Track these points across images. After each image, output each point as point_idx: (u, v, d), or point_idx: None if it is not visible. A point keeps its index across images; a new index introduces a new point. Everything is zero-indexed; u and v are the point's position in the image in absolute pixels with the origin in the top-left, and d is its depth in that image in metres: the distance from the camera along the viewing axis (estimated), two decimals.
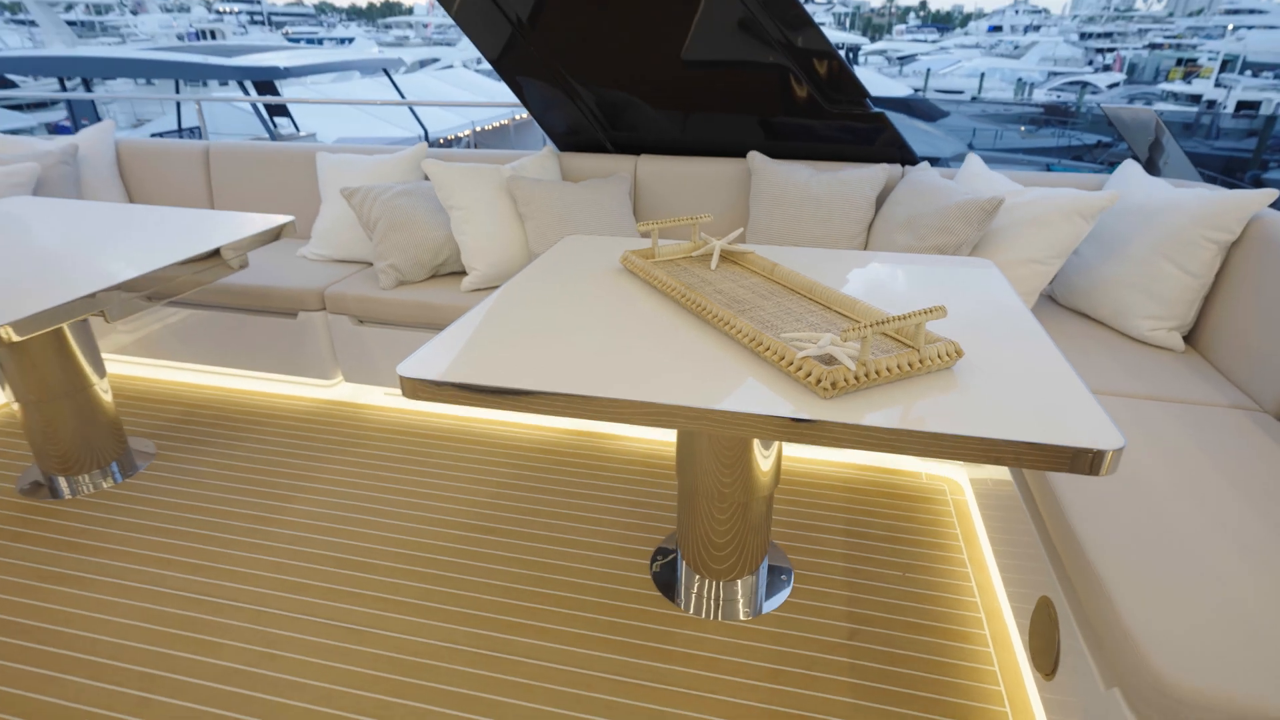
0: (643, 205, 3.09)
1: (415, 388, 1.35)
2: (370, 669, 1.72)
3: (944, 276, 1.89)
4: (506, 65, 2.98)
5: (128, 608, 1.91)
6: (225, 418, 2.86)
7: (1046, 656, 1.49)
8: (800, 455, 2.59)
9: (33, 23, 29.09)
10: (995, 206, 2.32)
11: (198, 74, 9.37)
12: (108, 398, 2.46)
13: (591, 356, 1.41)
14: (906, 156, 2.90)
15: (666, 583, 2.00)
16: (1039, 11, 66.17)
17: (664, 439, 2.72)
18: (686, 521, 1.90)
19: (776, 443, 1.76)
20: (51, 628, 1.85)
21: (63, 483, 2.40)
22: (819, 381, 1.25)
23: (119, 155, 3.55)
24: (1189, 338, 2.30)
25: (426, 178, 3.09)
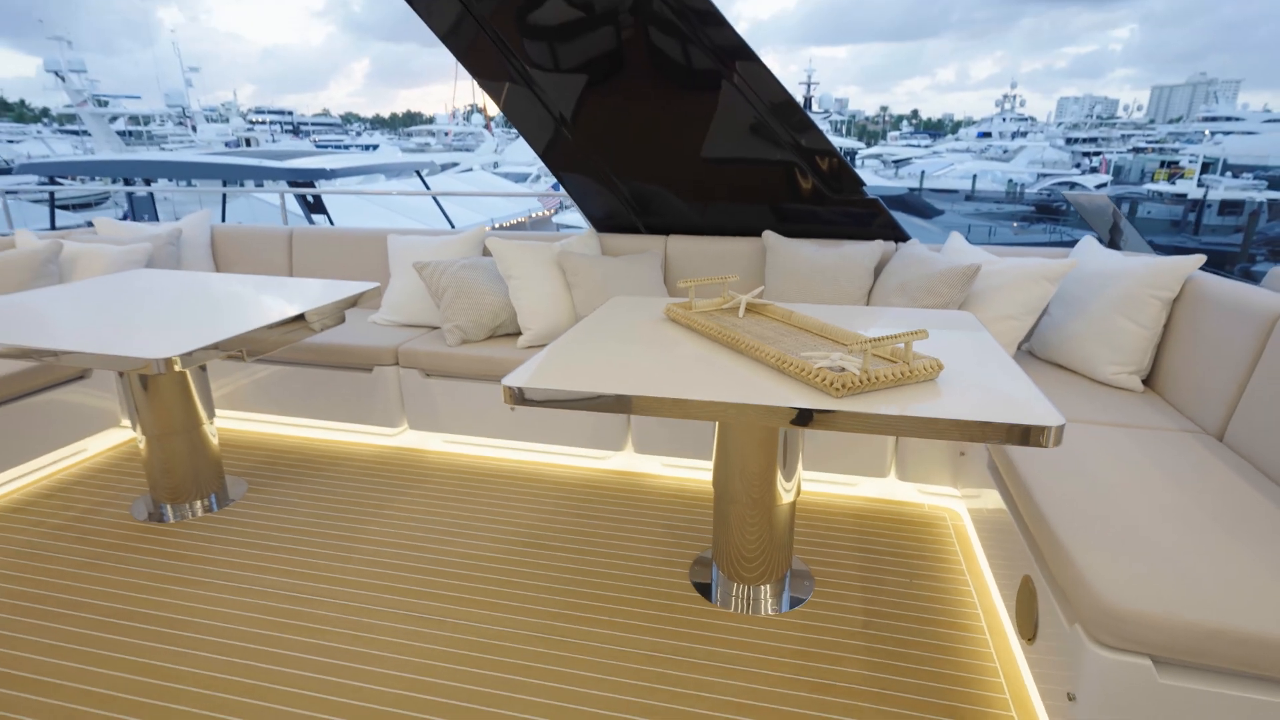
0: (672, 277, 3.55)
1: (517, 394, 1.74)
2: (443, 657, 2.02)
3: (932, 321, 2.30)
4: (552, 159, 3.52)
5: (236, 604, 2.22)
6: (307, 460, 3.22)
7: (1028, 622, 1.79)
8: (818, 490, 2.92)
9: (85, 132, 31.28)
10: (974, 272, 2.76)
11: (255, 175, 10.24)
12: (214, 437, 2.84)
13: (650, 377, 1.80)
14: (899, 235, 3.37)
15: (703, 586, 2.30)
16: (1025, 119, 70.00)
17: (693, 476, 3.05)
18: (721, 533, 2.23)
19: (798, 467, 2.11)
20: (175, 617, 2.16)
21: (169, 509, 2.75)
22: (832, 384, 1.64)
23: (213, 238, 4.09)
24: (1148, 380, 2.68)
25: (486, 254, 3.57)
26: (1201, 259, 2.53)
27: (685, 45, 3.13)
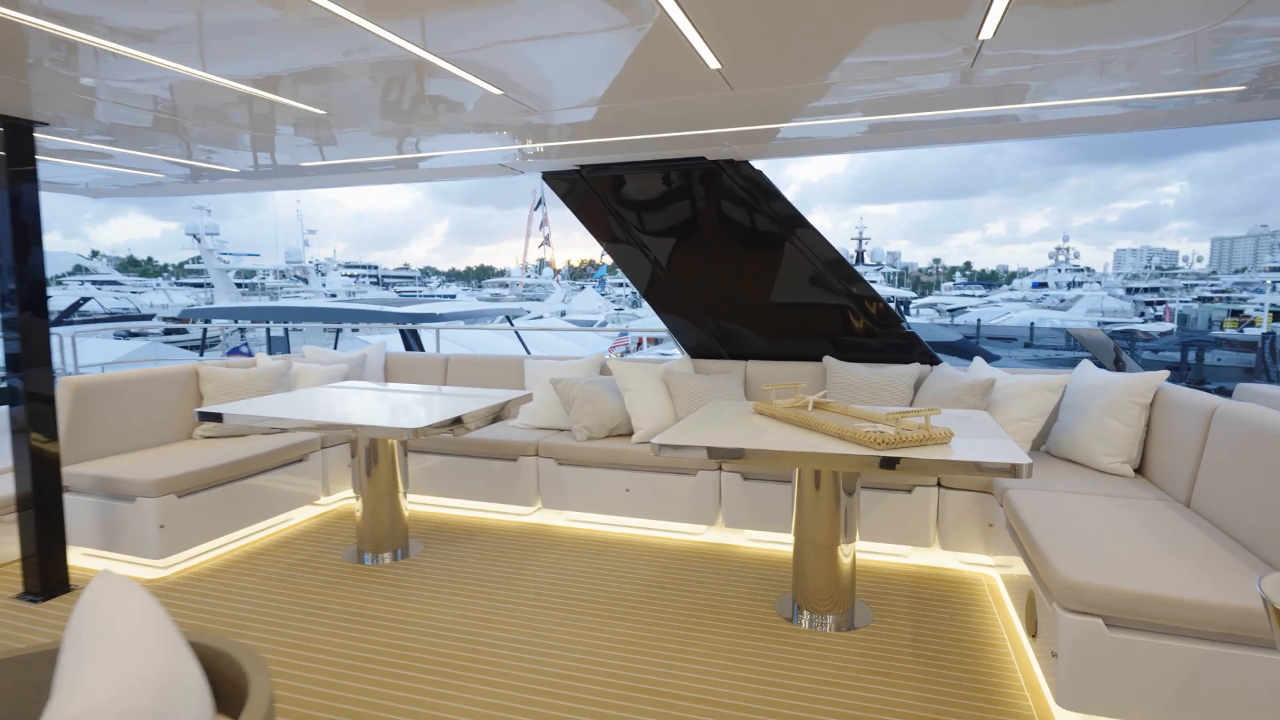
0: (750, 392, 4.45)
1: (664, 449, 2.61)
2: (583, 676, 2.75)
3: (954, 418, 3.11)
4: (653, 298, 4.58)
5: (423, 630, 3.02)
6: (463, 529, 4.09)
7: (1031, 620, 2.45)
8: (875, 559, 3.59)
9: (208, 284, 35.52)
10: (990, 384, 3.57)
11: (377, 319, 11.90)
12: (406, 506, 3.75)
13: (752, 443, 2.66)
14: (933, 359, 4.22)
15: (785, 616, 2.99)
16: (1081, 269, 71.06)
17: (770, 547, 3.77)
18: (799, 572, 2.95)
19: (856, 518, 2.87)
20: (378, 644, 2.97)
21: (370, 556, 3.62)
22: (875, 440, 2.47)
23: (387, 362, 5.24)
24: (1140, 469, 3.35)
25: (602, 373, 4.57)
26: (1165, 374, 3.30)
27: (751, 214, 4.25)
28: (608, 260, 61.04)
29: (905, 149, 4.05)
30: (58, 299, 31.34)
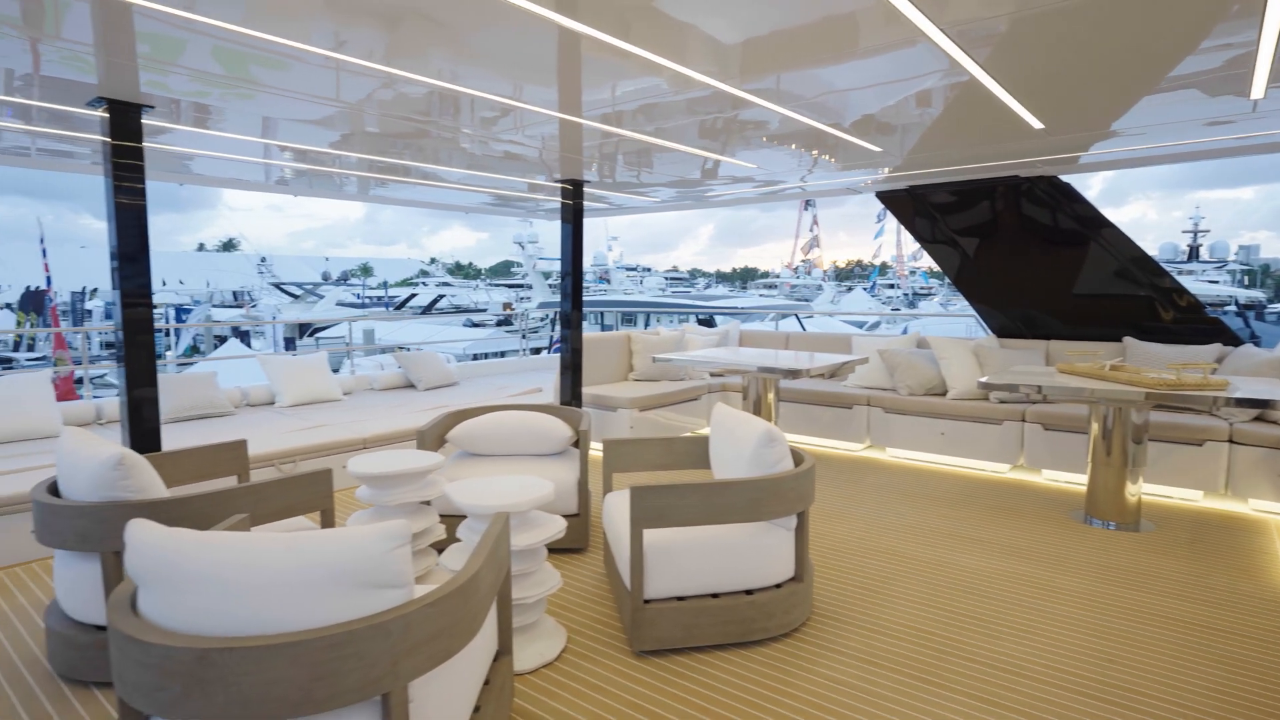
0: (1051, 364, 5.36)
1: (983, 385, 3.85)
2: (908, 542, 4.05)
3: (1243, 381, 3.87)
4: (962, 285, 5.68)
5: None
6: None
7: None
8: (1162, 499, 4.38)
9: (524, 284, 42.41)
10: None
11: (679, 310, 14.11)
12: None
13: (1063, 384, 3.77)
14: (1233, 340, 4.77)
15: (1076, 519, 4.01)
16: None
17: (1066, 485, 4.70)
18: (1092, 495, 3.95)
19: (1141, 474, 3.80)
20: None
21: None
22: (1159, 384, 3.46)
23: (740, 336, 6.99)
24: None
25: (919, 346, 5.79)
26: None
27: (1054, 215, 5.14)
28: (877, 261, 59.50)
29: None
30: (421, 296, 39.87)
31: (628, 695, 2.36)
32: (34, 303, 26.34)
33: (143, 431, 3.48)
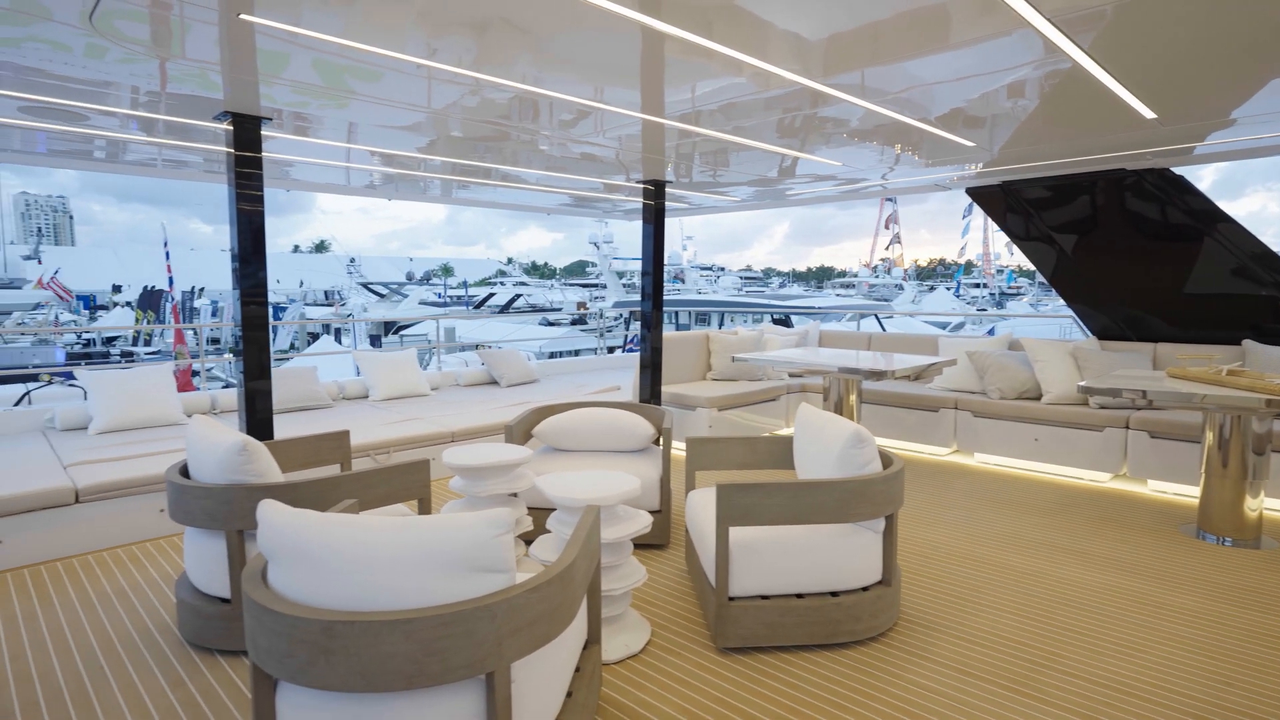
0: (1159, 368, 5.05)
1: (1083, 389, 3.66)
2: (1005, 549, 3.89)
3: None
4: (1059, 284, 5.41)
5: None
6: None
7: None
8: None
9: (598, 284, 42.88)
10: None
11: (754, 309, 13.99)
12: None
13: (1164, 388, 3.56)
14: None
15: (1189, 534, 3.77)
16: None
17: (1176, 497, 4.42)
18: (1205, 510, 3.70)
19: (1262, 487, 3.53)
20: None
21: None
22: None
23: (820, 336, 6.89)
24: None
25: (1011, 348, 5.56)
26: None
27: (1164, 210, 4.82)
28: (963, 259, 57.14)
29: None
30: (498, 295, 40.91)
31: (713, 690, 2.38)
32: (151, 302, 28.52)
33: (257, 421, 3.74)
